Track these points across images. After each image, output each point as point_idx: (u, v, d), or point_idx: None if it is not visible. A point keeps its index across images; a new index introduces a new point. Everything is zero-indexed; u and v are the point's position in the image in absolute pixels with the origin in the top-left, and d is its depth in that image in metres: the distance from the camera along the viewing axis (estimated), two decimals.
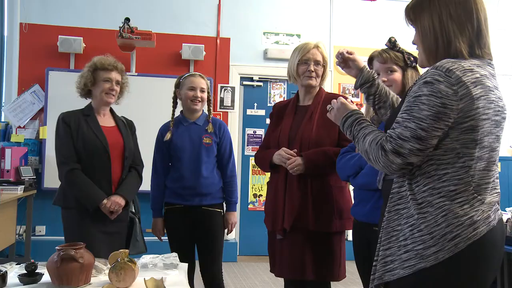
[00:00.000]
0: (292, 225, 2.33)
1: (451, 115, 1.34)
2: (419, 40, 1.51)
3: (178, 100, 2.90)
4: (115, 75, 2.63)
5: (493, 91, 1.40)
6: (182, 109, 2.89)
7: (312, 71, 2.45)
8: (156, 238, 2.87)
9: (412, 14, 1.52)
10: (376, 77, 1.91)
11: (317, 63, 2.46)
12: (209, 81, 2.95)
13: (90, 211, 2.48)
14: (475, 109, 1.34)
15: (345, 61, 1.97)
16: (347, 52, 1.97)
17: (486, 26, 1.46)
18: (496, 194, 1.45)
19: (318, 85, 2.52)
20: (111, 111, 2.74)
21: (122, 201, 2.54)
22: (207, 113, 2.90)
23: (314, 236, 2.35)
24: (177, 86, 2.88)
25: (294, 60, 2.47)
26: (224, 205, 2.87)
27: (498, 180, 1.47)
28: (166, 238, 2.84)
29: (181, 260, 2.65)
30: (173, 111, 2.88)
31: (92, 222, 2.48)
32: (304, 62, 2.45)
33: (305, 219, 2.33)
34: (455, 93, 1.33)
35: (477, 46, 1.44)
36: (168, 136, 2.78)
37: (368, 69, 1.95)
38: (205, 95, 2.82)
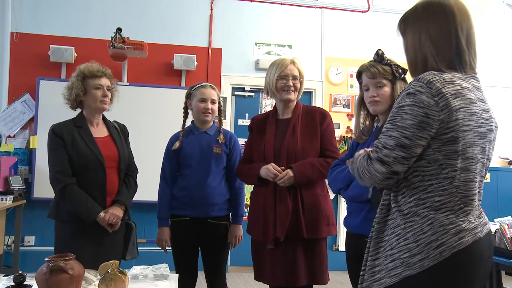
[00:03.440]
0: (286, 234, 2.38)
1: (434, 125, 1.37)
2: (405, 53, 1.58)
3: (188, 111, 2.90)
4: (105, 81, 2.59)
5: (475, 103, 1.42)
6: (193, 119, 2.90)
7: (291, 86, 2.54)
8: (147, 248, 2.84)
9: (403, 27, 1.58)
10: None
11: (294, 78, 2.55)
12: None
13: (84, 224, 2.42)
14: (454, 121, 1.37)
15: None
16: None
17: (470, 44, 1.49)
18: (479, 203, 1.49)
19: (295, 99, 2.60)
20: (103, 118, 2.69)
21: (120, 212, 2.50)
22: (218, 124, 2.90)
23: (305, 243, 2.42)
24: (188, 96, 2.87)
25: (273, 76, 2.55)
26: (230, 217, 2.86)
27: (482, 191, 1.50)
28: (169, 248, 2.83)
29: (184, 271, 2.65)
30: (184, 121, 2.89)
31: (86, 235, 2.43)
32: (283, 78, 2.53)
33: (298, 228, 2.39)
34: (436, 103, 1.37)
35: (457, 65, 1.47)
36: (176, 145, 2.78)
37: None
38: (215, 106, 2.83)
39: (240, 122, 5.58)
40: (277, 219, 2.39)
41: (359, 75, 2.19)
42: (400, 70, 2.11)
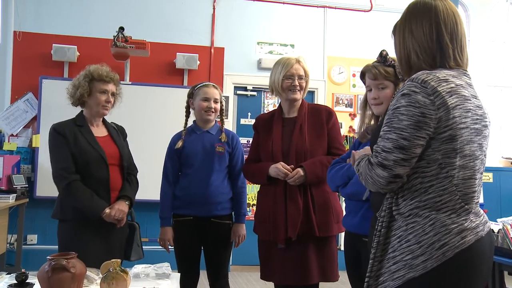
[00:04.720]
0: (298, 233, 2.39)
1: (431, 124, 1.37)
2: (395, 54, 1.61)
3: (191, 110, 2.90)
4: (111, 87, 2.61)
5: (470, 100, 1.43)
6: (194, 118, 2.91)
7: (297, 85, 2.55)
8: (149, 247, 2.84)
9: (393, 30, 1.61)
10: None
11: (300, 77, 2.57)
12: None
13: (88, 222, 2.42)
14: (451, 119, 1.37)
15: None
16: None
17: (455, 41, 1.49)
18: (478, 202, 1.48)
19: (301, 98, 2.61)
20: (103, 120, 2.70)
21: (125, 207, 2.51)
22: (219, 124, 2.90)
23: (316, 241, 2.44)
24: (190, 96, 2.88)
25: (279, 76, 2.55)
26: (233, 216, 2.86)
27: (481, 189, 1.50)
28: (171, 247, 2.82)
29: (187, 271, 2.66)
30: (186, 120, 2.89)
31: (90, 233, 2.43)
32: (288, 77, 2.54)
33: (310, 227, 2.41)
34: (432, 102, 1.37)
35: (441, 58, 1.47)
36: (179, 144, 2.78)
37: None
38: (218, 105, 2.84)
39: (243, 121, 5.58)
40: (288, 219, 2.40)
41: (362, 75, 2.20)
42: None
